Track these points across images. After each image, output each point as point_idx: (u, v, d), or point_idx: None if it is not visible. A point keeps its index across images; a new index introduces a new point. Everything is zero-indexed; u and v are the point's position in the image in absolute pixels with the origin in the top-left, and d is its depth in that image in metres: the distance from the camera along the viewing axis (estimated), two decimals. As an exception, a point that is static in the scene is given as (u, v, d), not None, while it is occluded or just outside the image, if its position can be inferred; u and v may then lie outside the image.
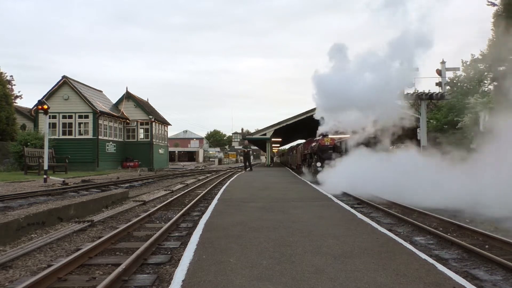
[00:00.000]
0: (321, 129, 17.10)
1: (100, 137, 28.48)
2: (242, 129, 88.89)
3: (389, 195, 10.75)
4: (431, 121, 22.75)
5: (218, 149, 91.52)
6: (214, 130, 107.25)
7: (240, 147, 61.85)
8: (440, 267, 4.05)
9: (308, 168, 19.64)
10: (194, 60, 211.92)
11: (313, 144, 18.73)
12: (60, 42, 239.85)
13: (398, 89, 15.16)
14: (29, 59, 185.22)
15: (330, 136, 16.96)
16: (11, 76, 35.34)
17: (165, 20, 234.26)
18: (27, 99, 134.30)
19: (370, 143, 15.43)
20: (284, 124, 32.58)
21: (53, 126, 26.95)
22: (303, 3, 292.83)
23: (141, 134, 34.00)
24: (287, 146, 58.53)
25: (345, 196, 11.85)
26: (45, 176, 15.56)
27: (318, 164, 16.36)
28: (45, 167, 15.87)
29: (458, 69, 21.83)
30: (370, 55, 14.78)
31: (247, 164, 26.55)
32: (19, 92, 38.69)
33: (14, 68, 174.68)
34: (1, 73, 29.96)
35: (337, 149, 16.96)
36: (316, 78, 15.94)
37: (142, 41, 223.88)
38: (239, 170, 30.57)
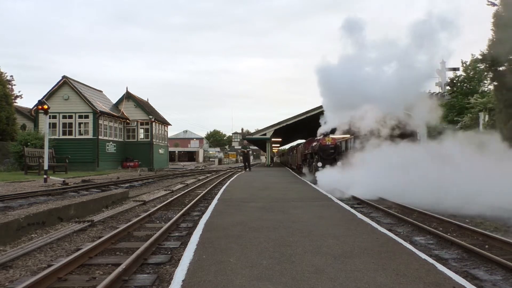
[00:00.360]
0: (322, 129, 16.78)
1: (100, 137, 28.49)
2: (242, 129, 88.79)
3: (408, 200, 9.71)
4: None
5: (218, 149, 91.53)
6: (214, 130, 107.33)
7: (240, 147, 61.83)
8: (440, 267, 4.06)
9: (309, 168, 19.62)
10: (194, 60, 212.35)
11: (314, 144, 18.70)
12: (60, 42, 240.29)
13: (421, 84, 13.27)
14: (29, 59, 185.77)
15: (331, 136, 16.88)
16: (11, 76, 35.31)
17: (165, 20, 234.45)
18: (27, 99, 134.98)
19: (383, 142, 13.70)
20: (284, 124, 32.58)
21: (53, 126, 26.95)
22: (303, 3, 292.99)
23: (141, 134, 34.01)
24: (287, 146, 58.55)
25: (346, 196, 11.73)
26: (45, 176, 15.56)
27: (319, 164, 16.32)
28: (45, 167, 15.87)
29: (458, 69, 21.91)
30: (389, 43, 12.82)
31: (247, 164, 26.64)
32: (19, 92, 38.66)
33: (14, 68, 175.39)
34: (1, 73, 29.94)
35: (338, 149, 16.90)
36: (322, 69, 14.09)
37: (142, 41, 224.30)
38: (239, 170, 30.57)
